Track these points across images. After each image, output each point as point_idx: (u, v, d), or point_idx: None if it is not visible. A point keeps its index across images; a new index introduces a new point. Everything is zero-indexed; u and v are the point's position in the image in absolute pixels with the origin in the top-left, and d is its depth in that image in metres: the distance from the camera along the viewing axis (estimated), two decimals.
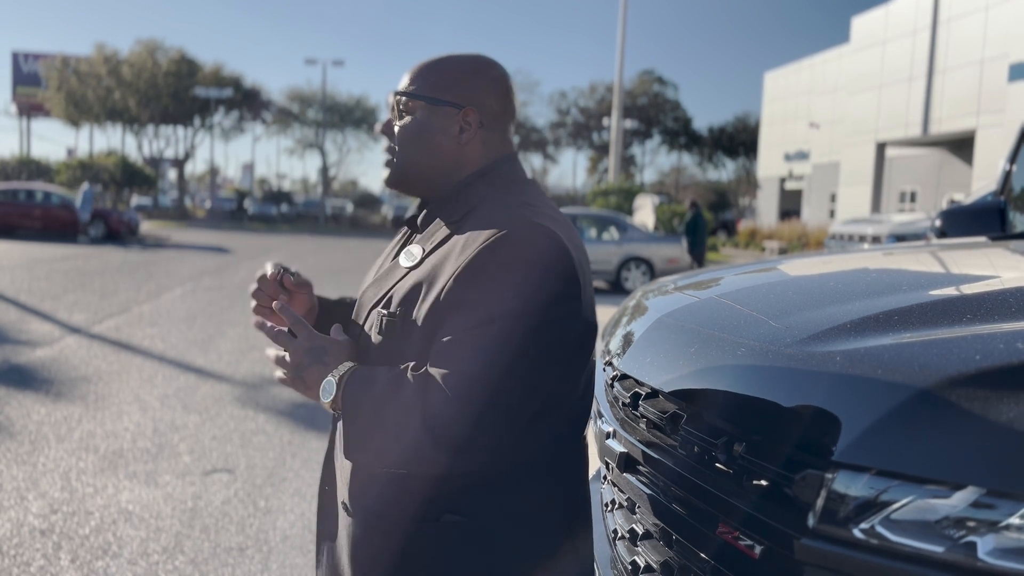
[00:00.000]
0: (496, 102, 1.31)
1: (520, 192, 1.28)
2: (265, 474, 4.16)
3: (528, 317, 1.09)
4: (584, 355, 1.22)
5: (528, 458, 1.18)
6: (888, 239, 14.85)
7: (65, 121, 45.74)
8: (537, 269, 1.12)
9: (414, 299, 1.18)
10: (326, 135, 51.94)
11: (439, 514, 1.15)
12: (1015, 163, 3.65)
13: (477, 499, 1.16)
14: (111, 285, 11.99)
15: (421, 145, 1.29)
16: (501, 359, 1.08)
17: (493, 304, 1.10)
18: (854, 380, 1.06)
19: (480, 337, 1.09)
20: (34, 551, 3.17)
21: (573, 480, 1.28)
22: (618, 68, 26.85)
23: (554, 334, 1.12)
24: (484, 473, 1.15)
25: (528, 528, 1.19)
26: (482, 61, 1.33)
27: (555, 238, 1.15)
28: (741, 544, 1.10)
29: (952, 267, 1.92)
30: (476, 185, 1.28)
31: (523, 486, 1.18)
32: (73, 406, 5.33)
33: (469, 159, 1.30)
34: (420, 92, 1.29)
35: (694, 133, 56.79)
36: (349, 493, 1.24)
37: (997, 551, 0.87)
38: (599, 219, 15.13)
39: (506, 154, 1.33)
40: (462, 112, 1.28)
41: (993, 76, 20.63)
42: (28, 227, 22.34)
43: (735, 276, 2.07)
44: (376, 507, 1.19)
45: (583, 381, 1.25)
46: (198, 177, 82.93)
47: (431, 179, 1.31)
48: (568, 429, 1.25)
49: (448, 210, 1.28)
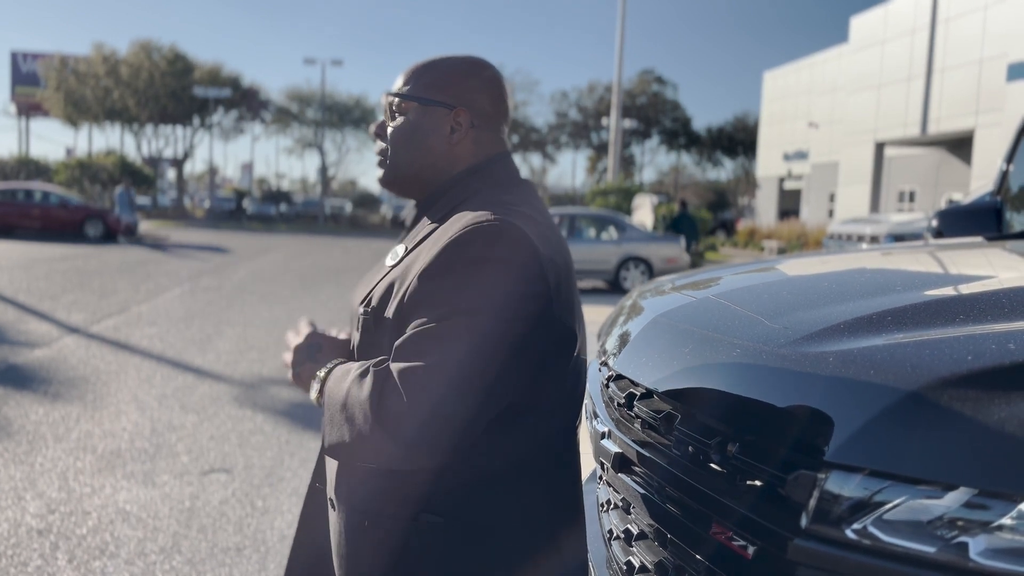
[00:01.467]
0: (488, 102, 1.32)
1: (506, 191, 1.28)
2: (263, 474, 4.16)
3: (488, 314, 1.09)
4: (560, 358, 1.21)
5: (508, 460, 1.18)
6: (886, 239, 14.86)
7: (64, 121, 45.69)
8: (500, 267, 1.11)
9: (388, 297, 1.20)
10: (325, 135, 51.91)
11: (416, 513, 1.16)
12: (1012, 163, 3.65)
13: (456, 500, 1.17)
14: (109, 285, 11.98)
15: (413, 145, 1.31)
16: (457, 356, 1.08)
17: (453, 301, 1.10)
18: (847, 381, 1.06)
19: (438, 333, 1.09)
20: (31, 551, 3.17)
21: (560, 483, 1.27)
22: (617, 67, 26.85)
23: (516, 333, 1.11)
24: (462, 474, 1.16)
25: (510, 529, 1.19)
26: (475, 62, 1.34)
27: (522, 235, 1.14)
28: (735, 544, 1.10)
29: (948, 267, 1.93)
30: (462, 183, 1.30)
31: (505, 488, 1.19)
32: (71, 406, 5.33)
33: (460, 159, 1.31)
34: (412, 93, 1.31)
35: (693, 133, 56.79)
36: (335, 489, 1.26)
37: (989, 551, 0.87)
38: (598, 219, 15.13)
39: (497, 153, 1.34)
40: (453, 112, 1.29)
41: (992, 76, 20.64)
42: (27, 227, 22.33)
43: (732, 276, 2.07)
44: (358, 503, 1.21)
45: (567, 384, 1.24)
46: (197, 177, 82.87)
47: (423, 179, 1.32)
48: (552, 432, 1.24)
49: (434, 208, 1.30)
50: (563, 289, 1.20)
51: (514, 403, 1.16)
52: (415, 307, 1.13)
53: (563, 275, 1.20)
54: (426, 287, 1.13)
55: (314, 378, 1.25)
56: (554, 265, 1.18)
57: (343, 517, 1.23)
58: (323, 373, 1.23)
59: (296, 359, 1.30)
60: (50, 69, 44.06)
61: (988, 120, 20.71)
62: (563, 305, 1.20)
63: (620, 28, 26.52)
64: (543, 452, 1.23)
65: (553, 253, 1.19)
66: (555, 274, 1.17)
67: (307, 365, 1.28)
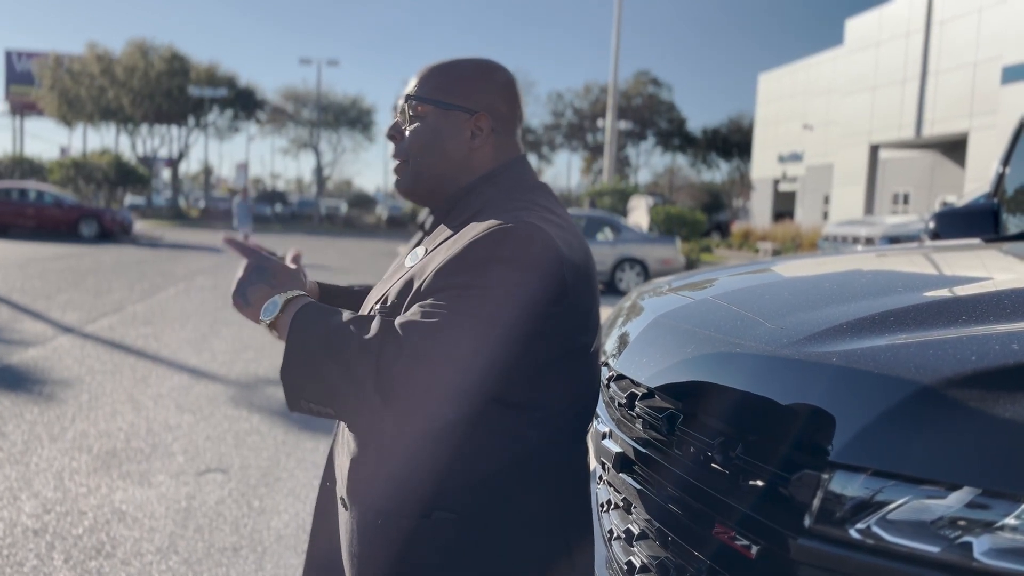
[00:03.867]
0: (505, 106, 1.31)
1: (526, 195, 1.26)
2: (259, 474, 4.15)
3: (499, 304, 1.08)
4: (573, 361, 1.20)
5: (520, 458, 1.17)
6: (881, 241, 14.90)
7: (58, 120, 45.57)
8: (519, 266, 1.10)
9: (405, 294, 1.18)
10: (321, 135, 51.88)
11: (430, 511, 1.15)
12: (1008, 165, 3.67)
13: (470, 497, 1.16)
14: (104, 284, 11.95)
15: (433, 150, 1.29)
16: (462, 329, 1.06)
17: (467, 288, 1.08)
18: (850, 381, 1.06)
19: (448, 306, 1.07)
20: (27, 551, 3.15)
21: (573, 485, 1.27)
22: (613, 69, 26.87)
23: (530, 331, 1.10)
24: (475, 471, 1.15)
25: (523, 529, 1.18)
26: (490, 65, 1.33)
27: (546, 237, 1.13)
28: (737, 544, 1.10)
29: (947, 269, 1.93)
30: (483, 188, 1.28)
31: (518, 485, 1.18)
32: (66, 405, 5.31)
33: (480, 163, 1.30)
34: (432, 96, 1.29)
35: (688, 134, 56.89)
36: (347, 488, 1.24)
37: (993, 551, 0.88)
38: (594, 220, 15.14)
39: (515, 157, 1.33)
40: (474, 117, 1.28)
41: (986, 78, 20.71)
42: (21, 226, 22.26)
43: (730, 277, 2.08)
44: (371, 502, 1.19)
45: (581, 386, 1.23)
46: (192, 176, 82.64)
47: (442, 184, 1.31)
48: (564, 433, 1.23)
49: (455, 212, 1.28)
50: (582, 292, 1.18)
51: (524, 401, 1.15)
52: (428, 295, 1.12)
53: (583, 277, 1.19)
54: (442, 282, 1.11)
55: (268, 301, 1.19)
56: (575, 268, 1.16)
57: (355, 516, 1.22)
58: (284, 300, 1.18)
59: (247, 277, 1.22)
60: (45, 68, 43.93)
61: (982, 123, 20.78)
62: (580, 309, 1.18)
63: (616, 29, 26.55)
64: (555, 451, 1.22)
65: (576, 256, 1.18)
66: (576, 277, 1.16)
67: (260, 287, 1.21)
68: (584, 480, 1.30)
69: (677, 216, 21.12)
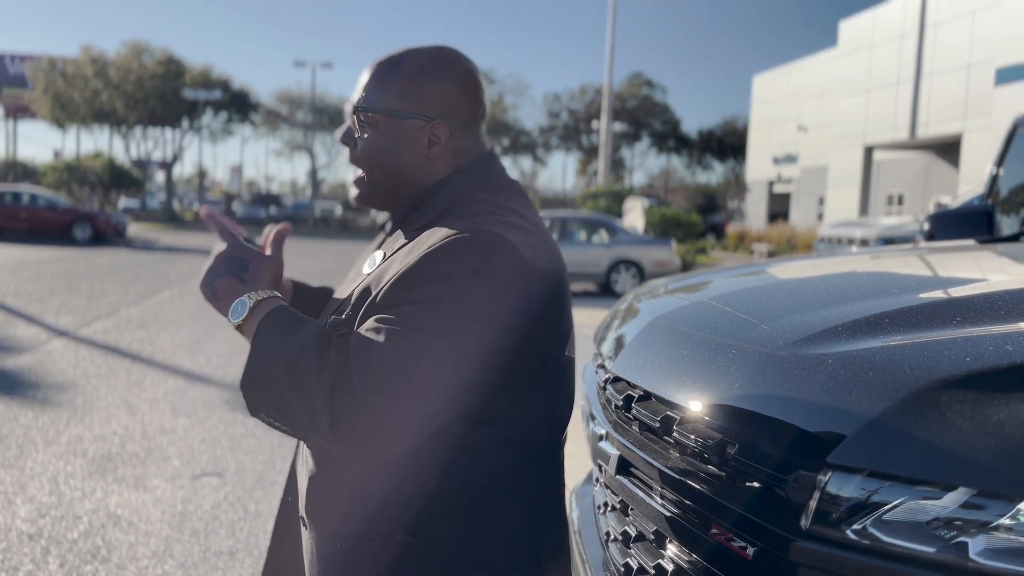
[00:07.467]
0: (466, 105, 1.22)
1: (490, 196, 1.19)
2: (255, 477, 4.15)
3: (465, 324, 1.01)
4: (546, 378, 1.15)
5: (486, 479, 1.11)
6: (876, 242, 14.96)
7: (52, 123, 45.42)
8: (483, 279, 1.03)
9: (361, 304, 1.10)
10: (315, 137, 51.80)
11: (391, 534, 1.09)
12: (1002, 167, 3.69)
13: (433, 520, 1.09)
14: (99, 288, 11.92)
15: (387, 162, 1.21)
16: (417, 350, 0.99)
17: (424, 305, 1.02)
18: (846, 382, 1.07)
19: (403, 322, 1.01)
20: (22, 555, 3.14)
21: (542, 502, 1.20)
22: (607, 71, 26.92)
23: (494, 347, 1.04)
24: (439, 493, 1.09)
25: (491, 551, 1.12)
26: (445, 58, 1.22)
27: (509, 247, 1.05)
28: (734, 546, 1.10)
29: (941, 270, 1.94)
30: (445, 190, 1.21)
31: (484, 507, 1.12)
32: (61, 410, 5.30)
33: (439, 171, 1.22)
34: (382, 105, 1.20)
35: (683, 136, 57.04)
36: (305, 507, 1.18)
37: (988, 551, 0.88)
38: (589, 222, 15.16)
39: (480, 155, 1.24)
40: (431, 124, 1.19)
41: (980, 80, 20.81)
42: (14, 229, 22.21)
43: (726, 279, 2.09)
44: (330, 524, 1.14)
45: (549, 402, 1.18)
46: (186, 179, 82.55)
47: (399, 193, 1.24)
48: (533, 451, 1.17)
49: (415, 215, 1.21)
50: (551, 302, 1.12)
51: (491, 417, 1.10)
52: (385, 310, 1.05)
53: (553, 286, 1.13)
54: (396, 293, 1.05)
55: (237, 301, 1.12)
56: (543, 276, 1.10)
57: (314, 537, 1.16)
58: (254, 302, 1.11)
59: (217, 267, 1.15)
60: (38, 71, 43.80)
61: (976, 124, 20.87)
62: (548, 320, 1.12)
63: (610, 32, 26.59)
64: (525, 471, 1.16)
65: (543, 263, 1.11)
66: (543, 287, 1.10)
67: (228, 280, 1.14)
68: (558, 497, 1.26)
69: (672, 218, 21.17)
